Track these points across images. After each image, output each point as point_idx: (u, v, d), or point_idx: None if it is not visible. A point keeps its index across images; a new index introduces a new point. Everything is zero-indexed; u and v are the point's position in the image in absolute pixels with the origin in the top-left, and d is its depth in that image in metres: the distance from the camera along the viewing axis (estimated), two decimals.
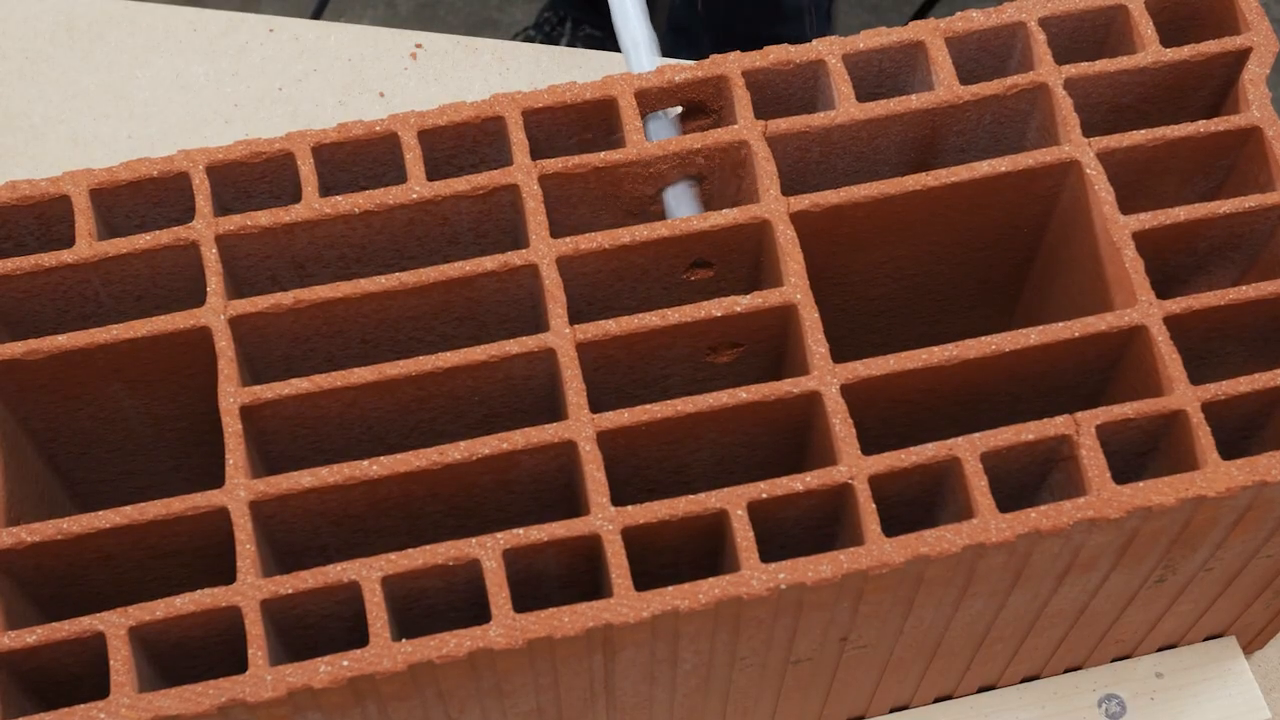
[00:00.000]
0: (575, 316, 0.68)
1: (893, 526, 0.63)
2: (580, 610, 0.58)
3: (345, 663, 0.57)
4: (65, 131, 1.01)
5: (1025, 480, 0.66)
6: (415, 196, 0.66)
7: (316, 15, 1.73)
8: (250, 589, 0.59)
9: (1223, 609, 0.76)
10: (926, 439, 0.63)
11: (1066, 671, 0.79)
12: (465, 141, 0.68)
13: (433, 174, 0.69)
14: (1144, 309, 0.65)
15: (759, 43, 0.70)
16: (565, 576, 0.64)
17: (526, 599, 0.63)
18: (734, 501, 0.61)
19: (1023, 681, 0.79)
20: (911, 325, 0.80)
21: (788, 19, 1.54)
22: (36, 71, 1.03)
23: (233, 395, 0.63)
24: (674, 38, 1.57)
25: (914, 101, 0.68)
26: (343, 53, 1.04)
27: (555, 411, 0.66)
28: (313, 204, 0.66)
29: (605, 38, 1.79)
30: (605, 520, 0.60)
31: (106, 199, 0.67)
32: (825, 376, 0.63)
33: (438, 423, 0.68)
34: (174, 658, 0.62)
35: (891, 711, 0.79)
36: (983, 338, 0.64)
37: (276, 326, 0.66)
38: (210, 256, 0.65)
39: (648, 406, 0.63)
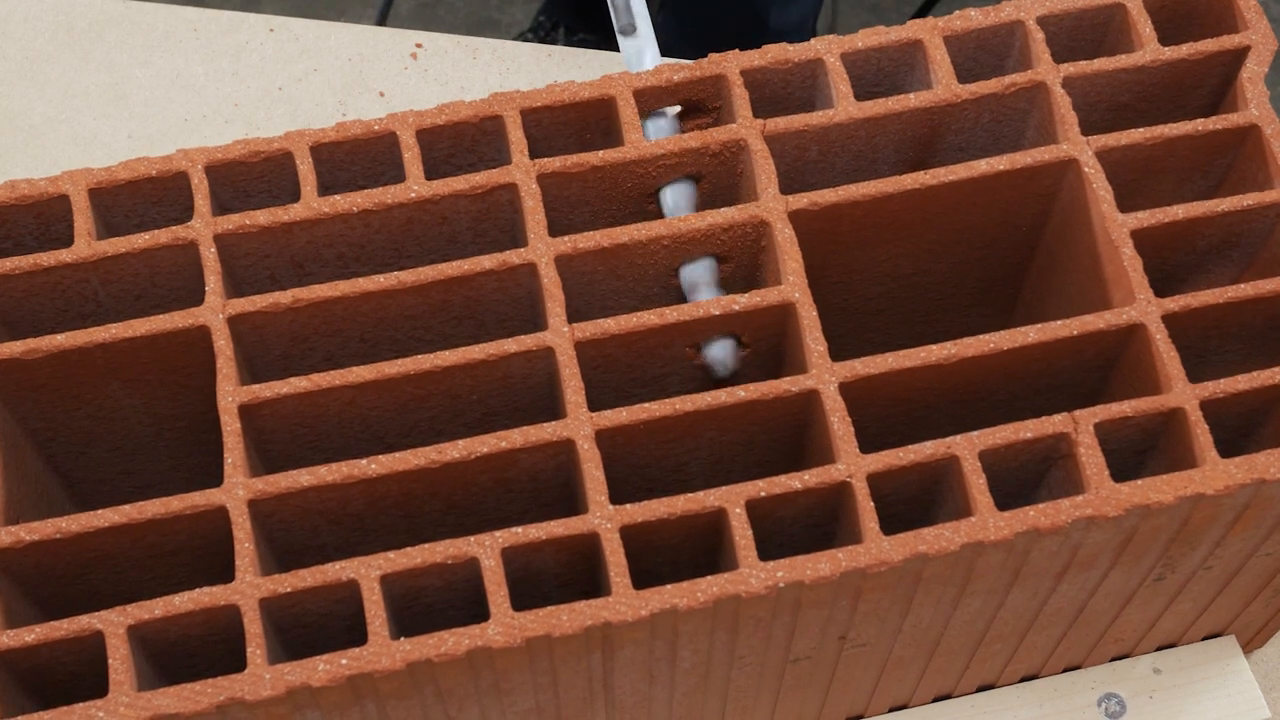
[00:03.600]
0: (574, 315, 0.68)
1: (891, 525, 0.63)
2: (579, 609, 0.58)
3: (344, 661, 0.57)
4: (65, 131, 1.01)
5: (1024, 478, 0.66)
6: (414, 195, 0.66)
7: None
8: (249, 588, 0.59)
9: (1222, 607, 0.76)
10: (925, 437, 0.63)
11: (1066, 670, 0.79)
12: (464, 141, 0.69)
13: (431, 173, 0.69)
14: (1142, 307, 0.65)
15: None
16: (564, 575, 0.64)
17: (525, 597, 0.63)
18: (732, 500, 0.61)
19: (1022, 680, 0.79)
20: (910, 324, 0.80)
21: (771, 41, 1.54)
22: (36, 71, 1.03)
23: (231, 394, 0.63)
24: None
25: (912, 100, 0.68)
26: (343, 53, 1.04)
27: (554, 410, 0.66)
28: (311, 203, 0.66)
29: (599, 42, 1.79)
30: (604, 519, 0.60)
31: (105, 198, 0.67)
32: (824, 375, 0.63)
33: (436, 421, 0.68)
34: (173, 656, 0.62)
35: (890, 711, 0.79)
36: (981, 336, 0.64)
37: (275, 325, 0.66)
38: (209, 256, 0.65)
39: (646, 405, 0.63)
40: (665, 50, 1.63)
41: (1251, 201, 0.67)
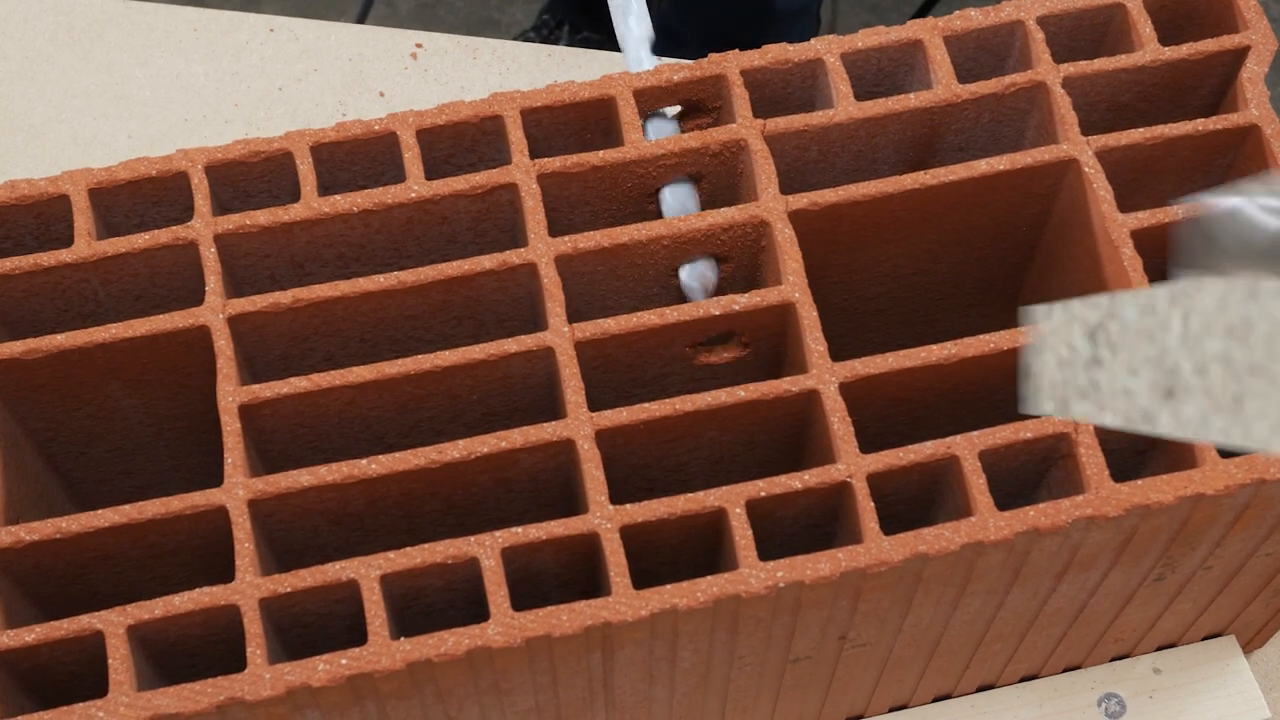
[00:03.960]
0: (574, 315, 0.68)
1: (891, 525, 0.63)
2: (579, 609, 0.58)
3: (344, 661, 0.57)
4: (65, 131, 1.01)
5: (1024, 478, 0.66)
6: (414, 195, 0.66)
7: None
8: (249, 587, 0.59)
9: (1222, 607, 0.76)
10: (925, 437, 0.63)
11: (1066, 670, 0.79)
12: (464, 141, 0.69)
13: (431, 173, 0.69)
14: None
15: (747, 46, 0.70)
16: (564, 575, 0.64)
17: (525, 597, 0.63)
18: (732, 500, 0.61)
19: (1022, 680, 0.79)
20: (910, 324, 0.80)
21: (777, 23, 1.54)
22: (36, 71, 1.03)
23: (231, 394, 0.63)
24: (662, 42, 1.57)
25: (912, 100, 0.68)
26: (343, 53, 1.04)
27: (554, 410, 0.66)
28: (311, 203, 0.66)
29: (603, 41, 1.79)
30: (604, 519, 0.60)
31: (105, 198, 0.67)
32: (824, 375, 0.63)
33: (436, 421, 0.68)
34: (173, 656, 0.62)
35: (891, 711, 0.79)
36: (981, 336, 0.64)
37: (275, 325, 0.66)
38: (209, 256, 0.65)
39: (646, 405, 0.63)
40: (669, 37, 1.63)
41: None
